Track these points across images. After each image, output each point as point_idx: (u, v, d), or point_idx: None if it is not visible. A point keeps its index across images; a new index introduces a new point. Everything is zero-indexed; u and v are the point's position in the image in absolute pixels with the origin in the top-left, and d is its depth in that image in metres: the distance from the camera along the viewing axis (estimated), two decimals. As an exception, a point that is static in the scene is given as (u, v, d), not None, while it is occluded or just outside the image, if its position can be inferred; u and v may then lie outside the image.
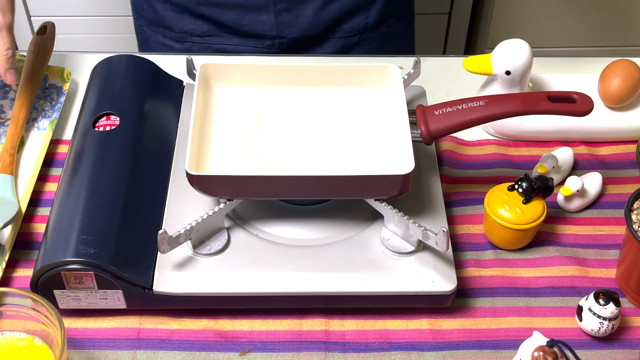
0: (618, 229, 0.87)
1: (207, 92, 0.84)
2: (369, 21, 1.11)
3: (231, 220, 0.81)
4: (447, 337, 0.78)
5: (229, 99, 0.85)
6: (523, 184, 0.81)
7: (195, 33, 1.10)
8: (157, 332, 0.77)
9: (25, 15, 1.84)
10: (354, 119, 0.84)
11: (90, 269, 0.73)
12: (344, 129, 0.83)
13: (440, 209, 0.82)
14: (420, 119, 0.80)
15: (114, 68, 0.93)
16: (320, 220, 0.81)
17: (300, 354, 0.76)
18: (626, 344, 0.78)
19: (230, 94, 0.86)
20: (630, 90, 0.95)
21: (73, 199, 0.78)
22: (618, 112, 0.97)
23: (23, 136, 0.93)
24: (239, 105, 0.85)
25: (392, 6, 1.12)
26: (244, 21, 1.07)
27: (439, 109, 0.80)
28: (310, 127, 0.83)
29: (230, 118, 0.83)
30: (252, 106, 0.85)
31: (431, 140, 0.80)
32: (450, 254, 0.78)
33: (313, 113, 0.84)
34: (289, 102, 0.85)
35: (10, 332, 0.72)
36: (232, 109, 0.84)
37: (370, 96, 0.86)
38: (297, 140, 0.81)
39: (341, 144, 0.81)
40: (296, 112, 0.84)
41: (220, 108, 0.84)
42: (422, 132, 0.80)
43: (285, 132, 0.82)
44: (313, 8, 1.07)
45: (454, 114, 0.80)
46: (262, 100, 0.85)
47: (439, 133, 0.80)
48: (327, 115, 0.84)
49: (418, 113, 0.81)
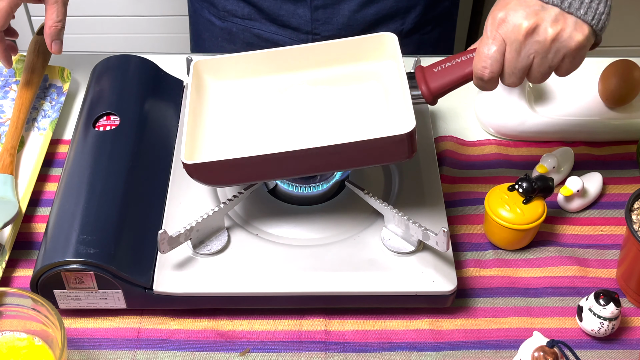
0: (618, 229, 0.87)
1: (201, 88, 0.82)
2: (405, 28, 1.10)
3: (231, 220, 0.81)
4: (447, 337, 0.78)
5: (224, 93, 0.83)
6: (523, 184, 0.81)
7: (236, 14, 1.10)
8: (157, 332, 0.77)
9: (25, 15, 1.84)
10: (353, 95, 0.81)
11: (90, 269, 0.73)
12: (344, 106, 0.80)
13: (440, 209, 0.82)
14: (420, 80, 0.77)
15: (114, 68, 0.93)
16: (320, 220, 0.81)
17: (301, 354, 0.76)
18: (626, 344, 0.78)
19: (225, 87, 0.84)
20: (630, 90, 0.95)
21: (73, 199, 0.78)
22: (618, 112, 0.97)
23: (23, 136, 0.93)
24: (235, 97, 0.83)
25: (431, 14, 1.12)
26: (281, 11, 1.08)
27: (438, 66, 0.77)
28: (309, 109, 0.80)
29: (226, 109, 0.81)
30: (248, 96, 0.83)
31: (434, 99, 0.77)
32: (450, 254, 0.78)
33: (311, 95, 0.82)
34: (285, 88, 0.83)
35: (10, 332, 0.72)
36: (227, 101, 0.82)
37: (368, 69, 0.83)
38: (297, 123, 0.79)
39: (342, 120, 0.78)
40: (294, 97, 0.82)
41: (215, 101, 0.82)
42: (424, 92, 0.76)
43: (283, 117, 0.80)
44: (349, 9, 1.07)
45: (453, 68, 0.76)
46: (258, 89, 0.83)
47: (441, 89, 0.77)
48: (326, 95, 0.82)
49: (417, 74, 0.78)
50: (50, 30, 0.89)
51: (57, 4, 0.89)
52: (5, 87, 0.99)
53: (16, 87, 0.99)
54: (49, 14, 0.89)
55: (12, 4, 0.88)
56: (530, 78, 0.74)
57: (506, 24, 0.71)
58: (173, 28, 1.91)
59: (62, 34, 0.91)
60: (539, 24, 0.70)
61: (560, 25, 0.71)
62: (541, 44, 0.71)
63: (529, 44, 0.71)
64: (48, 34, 0.90)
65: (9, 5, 0.87)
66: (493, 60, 0.72)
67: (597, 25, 0.72)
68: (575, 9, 0.71)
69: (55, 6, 0.89)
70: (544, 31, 0.70)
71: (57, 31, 0.90)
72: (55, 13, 0.89)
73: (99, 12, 1.88)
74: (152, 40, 1.94)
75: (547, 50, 0.71)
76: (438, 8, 1.13)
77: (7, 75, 1.00)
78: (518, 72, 0.73)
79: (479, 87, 0.76)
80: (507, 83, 0.74)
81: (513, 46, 0.71)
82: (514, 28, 0.71)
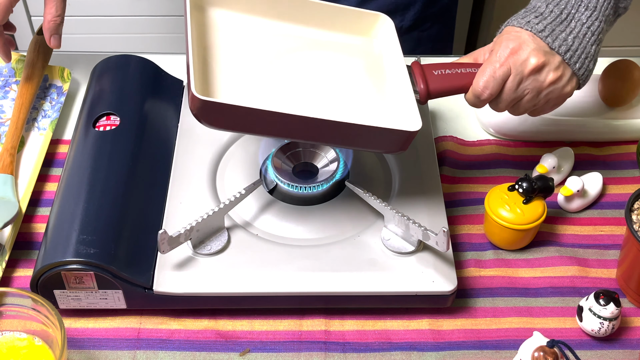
0: (618, 229, 0.87)
1: (201, 15, 0.80)
2: (404, 24, 1.10)
3: (231, 220, 0.81)
4: (447, 337, 0.78)
5: (225, 24, 0.80)
6: (523, 184, 0.81)
7: None
8: (157, 332, 0.77)
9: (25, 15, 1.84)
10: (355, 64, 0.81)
11: (90, 269, 0.73)
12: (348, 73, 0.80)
13: (440, 209, 0.82)
14: (419, 76, 0.77)
15: (114, 68, 0.93)
16: (320, 220, 0.81)
17: (301, 354, 0.76)
18: (626, 344, 0.78)
19: (227, 18, 0.81)
20: (630, 90, 0.95)
21: (73, 199, 0.78)
22: (618, 112, 0.97)
23: (23, 136, 0.93)
24: (238, 34, 0.80)
25: (430, 11, 1.12)
26: None
27: (438, 70, 0.78)
28: (311, 71, 0.79)
29: (231, 45, 0.79)
30: (252, 37, 0.81)
31: (427, 99, 0.78)
32: (450, 254, 0.78)
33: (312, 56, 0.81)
34: (287, 39, 0.82)
35: (10, 332, 0.72)
36: (231, 36, 0.80)
37: (365, 45, 0.84)
38: (301, 84, 0.78)
39: (342, 92, 0.78)
40: (294, 51, 0.81)
41: (219, 32, 0.79)
42: (421, 90, 0.77)
43: (288, 73, 0.78)
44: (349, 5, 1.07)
45: (455, 76, 0.78)
46: (261, 32, 0.81)
47: (437, 93, 0.78)
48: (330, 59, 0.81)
49: (416, 70, 0.78)
50: (49, 24, 0.90)
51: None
52: (5, 87, 0.99)
53: (16, 87, 0.99)
54: (48, 8, 0.89)
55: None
56: (513, 109, 0.79)
57: (518, 55, 0.75)
58: (173, 28, 1.91)
59: (61, 28, 0.91)
60: (545, 65, 0.75)
61: (560, 73, 0.76)
62: (539, 83, 0.76)
63: (530, 80, 0.75)
64: (47, 28, 0.90)
65: (8, 0, 0.88)
66: (495, 82, 0.75)
67: (584, 81, 0.78)
68: (573, 63, 0.76)
69: (54, 1, 0.89)
70: (546, 73, 0.75)
71: (56, 26, 0.90)
72: (54, 8, 0.89)
73: (99, 12, 1.87)
74: (152, 40, 1.94)
75: (541, 91, 0.76)
76: (437, 5, 1.13)
77: (7, 75, 1.00)
78: (510, 100, 0.77)
79: (469, 102, 0.79)
80: (496, 107, 0.79)
81: (517, 77, 0.75)
82: (523, 62, 0.75)
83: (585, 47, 0.76)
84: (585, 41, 0.76)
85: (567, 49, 0.75)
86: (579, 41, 0.76)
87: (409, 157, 0.87)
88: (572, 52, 0.76)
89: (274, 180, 0.83)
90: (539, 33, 0.75)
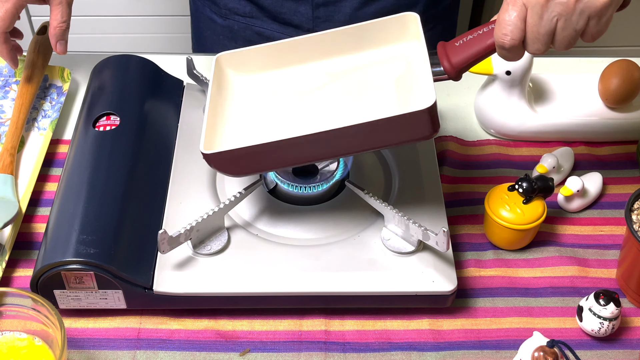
0: (618, 229, 0.87)
1: (222, 82, 0.81)
2: None
3: (231, 220, 0.81)
4: (447, 337, 0.78)
5: (245, 86, 0.82)
6: (523, 184, 0.81)
7: (238, 12, 1.10)
8: (157, 332, 0.77)
9: (25, 15, 1.84)
10: (373, 79, 0.80)
11: (90, 269, 0.73)
12: (364, 91, 0.79)
13: (440, 209, 0.82)
14: (442, 56, 0.75)
15: (114, 68, 0.93)
16: (320, 220, 0.81)
17: (301, 354, 0.76)
18: (626, 344, 0.78)
19: (247, 81, 0.83)
20: (630, 90, 0.95)
21: (73, 199, 0.78)
22: (618, 112, 0.97)
23: (23, 136, 0.93)
24: (256, 90, 0.82)
25: (432, 12, 1.12)
26: (283, 9, 1.08)
27: (459, 40, 0.75)
28: (329, 99, 0.79)
29: (247, 102, 0.80)
30: (269, 88, 0.81)
31: (457, 73, 0.75)
32: (450, 254, 0.78)
33: (331, 85, 0.80)
34: (307, 78, 0.81)
35: (10, 332, 0.72)
36: (248, 94, 0.81)
37: (391, 52, 0.82)
38: (317, 112, 0.77)
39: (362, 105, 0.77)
40: (315, 88, 0.80)
41: (236, 95, 0.81)
42: (446, 68, 0.75)
43: (304, 107, 0.78)
44: (350, 6, 1.07)
45: (475, 40, 0.74)
46: (280, 81, 0.82)
47: (463, 63, 0.75)
48: (346, 83, 0.80)
49: (439, 51, 0.76)
50: (55, 30, 0.90)
51: (61, 4, 0.89)
52: (5, 87, 0.99)
53: (16, 87, 0.99)
54: (54, 14, 0.89)
55: (17, 5, 0.88)
56: (555, 44, 0.71)
57: None
58: (173, 28, 1.91)
59: (67, 34, 0.91)
60: None
61: None
62: (564, 6, 0.68)
63: (552, 6, 0.68)
64: (53, 34, 0.90)
65: (14, 7, 0.88)
66: (514, 26, 0.70)
67: None
68: None
69: (60, 7, 0.89)
70: None
71: (62, 32, 0.90)
72: (60, 14, 0.89)
73: (99, 12, 1.88)
74: (152, 40, 1.94)
75: (571, 12, 0.68)
76: (438, 7, 1.13)
77: (7, 75, 1.00)
78: (542, 37, 0.70)
79: (502, 57, 0.73)
80: (531, 50, 0.72)
81: (535, 10, 0.69)
82: None
83: None
84: None
85: None
86: None
87: (409, 157, 0.87)
88: None
89: (274, 180, 0.83)
90: None
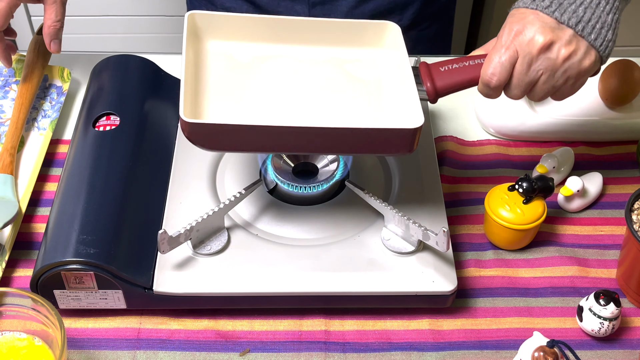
0: (618, 229, 0.87)
1: (196, 43, 0.80)
2: (402, 24, 1.10)
3: (231, 220, 0.81)
4: (447, 337, 0.78)
5: (220, 52, 0.81)
6: (523, 184, 0.81)
7: (234, 11, 1.10)
8: (157, 332, 0.77)
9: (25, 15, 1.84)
10: (351, 78, 0.80)
11: (90, 269, 0.73)
12: (343, 87, 0.79)
13: (440, 209, 0.82)
14: (425, 76, 0.76)
15: (114, 68, 0.93)
16: (320, 220, 0.81)
17: (301, 354, 0.76)
18: (626, 344, 0.78)
19: (223, 48, 0.81)
20: (630, 90, 0.95)
21: (73, 199, 0.78)
22: (618, 112, 0.97)
23: (23, 136, 0.93)
24: (233, 60, 0.81)
25: (428, 10, 1.12)
26: (279, 8, 1.08)
27: (444, 66, 0.77)
28: (308, 86, 0.79)
29: (224, 71, 0.79)
30: (246, 61, 0.81)
31: (436, 97, 0.77)
32: (450, 254, 0.78)
33: (310, 72, 0.81)
34: (285, 59, 0.81)
35: (10, 332, 0.72)
36: (225, 62, 0.80)
37: (371, 55, 0.83)
38: (298, 98, 0.78)
39: (342, 102, 0.78)
40: (294, 71, 0.80)
41: (212, 60, 0.80)
42: (428, 89, 0.76)
43: (284, 89, 0.78)
44: (347, 5, 1.07)
45: (461, 70, 0.76)
46: (257, 55, 0.81)
47: (446, 89, 0.76)
48: (325, 74, 0.80)
49: (422, 70, 0.77)
50: (49, 29, 0.90)
51: (55, 3, 0.89)
52: (5, 87, 0.99)
53: (16, 87, 0.99)
54: (48, 13, 0.89)
55: (12, 4, 0.88)
56: (532, 94, 0.75)
57: (522, 36, 0.72)
58: (173, 28, 1.91)
59: (61, 33, 0.92)
60: (554, 42, 0.72)
61: (573, 47, 0.72)
62: (552, 62, 0.72)
63: (541, 59, 0.72)
64: (47, 33, 0.90)
65: (9, 6, 0.88)
66: (503, 68, 0.73)
67: (604, 52, 0.73)
68: (587, 34, 0.72)
69: (54, 6, 0.89)
70: (557, 50, 0.72)
71: (56, 31, 0.91)
72: (54, 13, 0.89)
73: (99, 12, 1.88)
74: (152, 40, 1.94)
75: (556, 69, 0.73)
76: (435, 4, 1.13)
77: (7, 75, 1.00)
78: (524, 85, 0.74)
79: (482, 93, 0.76)
80: (510, 95, 0.75)
81: (525, 59, 0.72)
82: (529, 41, 0.72)
83: (599, 17, 0.73)
84: (600, 10, 0.73)
85: (577, 21, 0.72)
86: (591, 11, 0.72)
87: (409, 157, 0.87)
88: (585, 23, 0.72)
89: (274, 180, 0.83)
90: (545, 9, 0.72)
